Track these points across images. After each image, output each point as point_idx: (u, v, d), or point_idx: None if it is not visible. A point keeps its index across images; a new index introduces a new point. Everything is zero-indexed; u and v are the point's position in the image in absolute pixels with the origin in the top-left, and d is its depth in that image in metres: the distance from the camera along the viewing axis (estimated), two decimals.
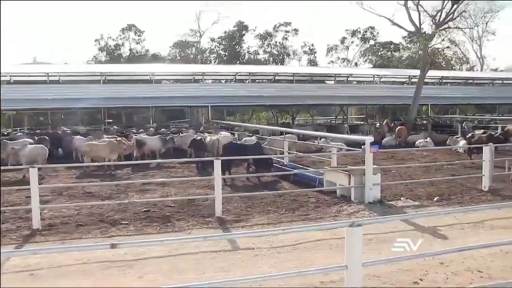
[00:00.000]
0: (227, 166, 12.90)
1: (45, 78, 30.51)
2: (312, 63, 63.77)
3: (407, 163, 16.90)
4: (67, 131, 25.96)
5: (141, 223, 8.77)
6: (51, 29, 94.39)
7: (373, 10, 30.82)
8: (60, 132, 25.63)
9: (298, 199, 10.68)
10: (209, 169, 13.35)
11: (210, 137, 18.49)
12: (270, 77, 38.67)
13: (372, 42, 64.45)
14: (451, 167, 15.23)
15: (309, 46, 64.36)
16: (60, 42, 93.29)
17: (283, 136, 18.06)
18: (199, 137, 18.15)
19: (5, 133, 25.71)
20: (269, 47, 63.67)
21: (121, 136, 18.35)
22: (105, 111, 33.14)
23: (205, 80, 35.57)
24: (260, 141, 18.04)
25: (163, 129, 25.25)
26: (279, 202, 10.41)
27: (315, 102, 34.60)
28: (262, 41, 63.33)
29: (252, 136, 20.43)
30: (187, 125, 31.41)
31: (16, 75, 30.76)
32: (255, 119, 43.72)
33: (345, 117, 40.02)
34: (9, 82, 29.44)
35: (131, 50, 60.74)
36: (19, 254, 6.53)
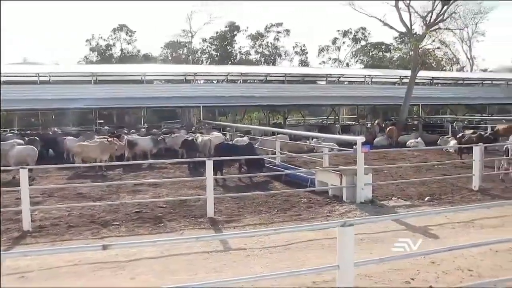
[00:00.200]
0: (219, 166, 12.90)
1: (35, 78, 30.26)
2: (303, 63, 63.92)
3: (398, 163, 17.00)
4: (58, 132, 25.78)
5: (133, 224, 8.73)
6: (42, 29, 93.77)
7: (364, 11, 31.01)
8: (51, 132, 25.47)
9: (290, 199, 10.69)
10: (201, 169, 13.34)
11: (201, 137, 18.45)
12: (261, 78, 38.68)
13: (363, 42, 64.80)
14: (441, 167, 15.33)
15: (300, 46, 64.62)
16: (50, 42, 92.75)
17: (274, 136, 18.08)
18: (190, 138, 18.11)
19: None
20: (260, 47, 63.75)
21: (112, 136, 18.28)
22: (96, 111, 32.92)
23: (196, 80, 35.49)
24: (252, 141, 18.05)
25: (154, 130, 25.21)
26: (271, 202, 10.41)
27: (307, 102, 34.66)
28: (253, 42, 63.40)
29: (243, 136, 20.44)
30: (179, 126, 31.34)
31: (5, 75, 30.44)
32: (247, 120, 43.68)
33: (337, 117, 40.14)
34: None
35: (122, 50, 60.51)
36: (9, 256, 6.46)
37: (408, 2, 28.91)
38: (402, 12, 29.28)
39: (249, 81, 38.99)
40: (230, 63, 58.65)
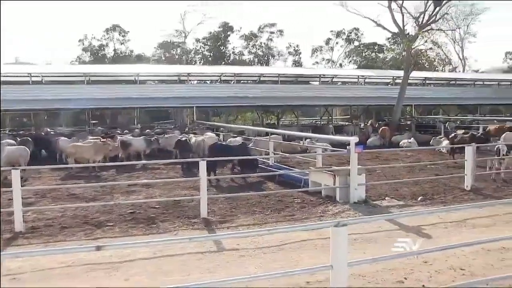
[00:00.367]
0: (212, 167, 12.89)
1: (27, 78, 30.04)
2: (297, 64, 63.90)
3: (392, 163, 17.07)
4: (51, 132, 25.65)
5: (127, 225, 8.71)
6: (34, 29, 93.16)
7: (358, 11, 31.08)
8: (43, 133, 25.32)
9: (283, 199, 10.71)
10: (195, 170, 13.32)
11: (195, 138, 18.43)
12: (255, 78, 38.69)
13: (356, 43, 64.84)
14: (434, 167, 15.43)
15: (294, 47, 64.59)
16: (43, 42, 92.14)
17: (268, 136, 18.09)
18: (184, 138, 18.09)
19: None
20: (254, 48, 63.66)
21: (106, 137, 18.21)
22: (90, 112, 32.80)
23: (190, 81, 35.43)
24: (245, 142, 18.05)
25: (148, 130, 25.15)
26: (264, 202, 10.42)
27: (300, 102, 34.71)
28: (247, 42, 63.30)
29: (237, 137, 20.43)
30: (172, 126, 31.28)
31: None
32: (241, 120, 43.68)
33: (330, 117, 40.27)
34: None
35: (115, 50, 60.19)
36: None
37: (400, 2, 29.07)
38: (394, 13, 29.42)
39: (242, 82, 38.98)
40: (223, 63, 58.52)
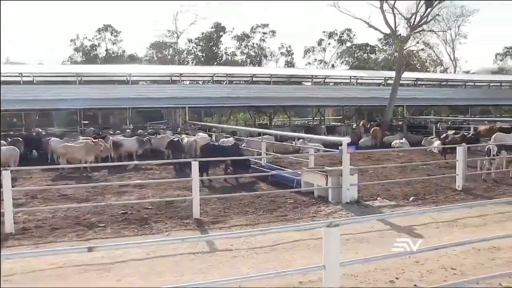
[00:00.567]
0: (205, 167, 12.88)
1: (18, 78, 29.80)
2: (289, 64, 64.00)
3: (384, 163, 17.13)
4: (42, 133, 25.47)
5: (119, 226, 8.67)
6: (25, 28, 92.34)
7: (350, 12, 31.22)
8: (34, 133, 25.13)
9: (276, 200, 10.72)
10: (187, 170, 13.29)
11: (187, 138, 18.39)
12: (247, 78, 38.68)
13: (348, 44, 65.10)
14: (426, 167, 15.53)
15: (286, 47, 64.71)
16: (34, 42, 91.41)
17: (260, 137, 18.10)
18: (176, 139, 18.03)
19: None
20: (246, 48, 63.69)
21: (97, 137, 18.13)
22: (81, 112, 32.53)
23: (182, 81, 35.35)
24: (237, 142, 18.04)
25: (140, 131, 25.02)
26: (257, 203, 10.42)
27: (293, 103, 34.76)
28: (239, 43, 63.30)
29: (229, 137, 20.42)
30: (164, 127, 31.17)
31: None
32: (233, 120, 43.64)
33: (322, 118, 40.36)
34: None
35: (107, 50, 59.95)
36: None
37: (392, 3, 29.23)
38: (386, 13, 29.60)
39: (235, 82, 38.97)
40: (216, 64, 58.45)
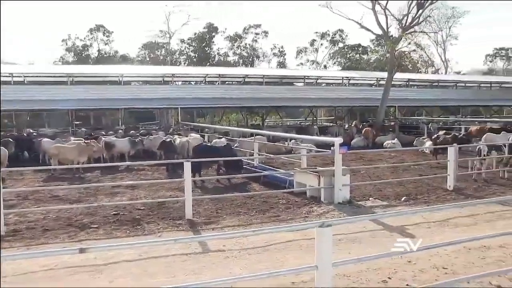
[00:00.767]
0: (197, 168, 12.86)
1: (9, 78, 29.59)
2: (281, 65, 64.12)
3: (376, 163, 17.20)
4: (33, 133, 25.29)
5: (111, 227, 8.63)
6: (16, 28, 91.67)
7: (342, 13, 31.31)
8: (25, 134, 24.95)
9: (268, 200, 10.72)
10: (179, 171, 13.24)
11: (180, 139, 18.34)
12: (240, 79, 38.70)
13: (341, 44, 65.32)
14: (418, 167, 15.60)
15: (278, 48, 64.81)
16: (25, 42, 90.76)
17: (253, 137, 18.10)
18: (168, 139, 17.99)
19: None
20: (239, 49, 63.69)
21: (90, 138, 18.05)
22: (73, 113, 32.37)
23: (174, 81, 35.30)
24: (230, 142, 18.04)
25: (132, 131, 24.95)
26: (249, 203, 10.42)
27: (285, 104, 34.84)
28: (232, 43, 63.29)
29: (222, 138, 20.41)
30: (157, 127, 31.10)
31: None
32: (225, 121, 43.63)
33: (315, 118, 40.44)
34: None
35: (99, 51, 59.70)
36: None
37: (384, 4, 29.37)
38: (378, 15, 29.75)
39: (227, 83, 38.97)
40: (208, 64, 58.41)
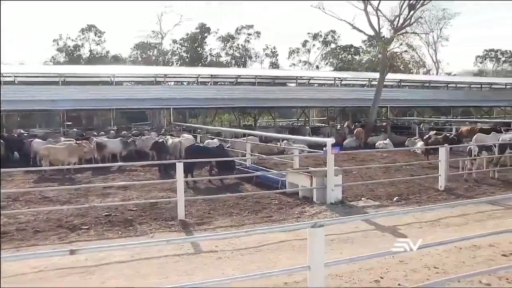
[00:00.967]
0: (189, 168, 12.83)
1: None
2: (274, 65, 64.23)
3: (368, 164, 17.26)
4: (24, 134, 25.09)
5: (102, 228, 8.58)
6: (7, 27, 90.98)
7: (334, 14, 31.35)
8: (16, 135, 24.77)
9: (261, 201, 10.72)
10: (172, 172, 13.23)
11: (172, 139, 18.29)
12: (232, 80, 38.69)
13: (333, 45, 65.60)
14: (409, 167, 15.67)
15: (271, 49, 64.91)
16: (16, 41, 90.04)
17: (245, 138, 18.09)
18: (161, 140, 17.94)
19: None
20: (231, 49, 63.69)
21: (81, 139, 17.95)
22: (64, 113, 32.18)
23: (167, 82, 35.19)
24: (222, 143, 18.02)
25: (124, 132, 24.84)
26: (242, 204, 10.42)
27: (277, 104, 34.89)
28: (224, 44, 63.27)
29: (214, 138, 20.39)
30: (149, 128, 31.00)
31: None
32: (218, 122, 43.59)
33: (307, 119, 40.54)
34: None
35: (91, 51, 59.45)
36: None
37: (376, 4, 29.47)
38: (370, 15, 29.77)
39: (219, 83, 38.92)
40: (200, 65, 58.34)
